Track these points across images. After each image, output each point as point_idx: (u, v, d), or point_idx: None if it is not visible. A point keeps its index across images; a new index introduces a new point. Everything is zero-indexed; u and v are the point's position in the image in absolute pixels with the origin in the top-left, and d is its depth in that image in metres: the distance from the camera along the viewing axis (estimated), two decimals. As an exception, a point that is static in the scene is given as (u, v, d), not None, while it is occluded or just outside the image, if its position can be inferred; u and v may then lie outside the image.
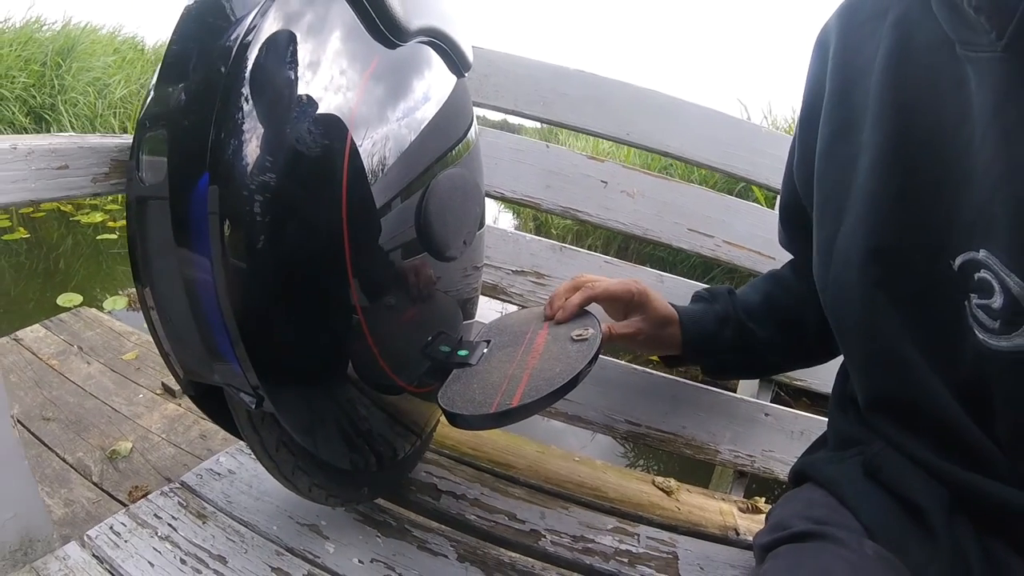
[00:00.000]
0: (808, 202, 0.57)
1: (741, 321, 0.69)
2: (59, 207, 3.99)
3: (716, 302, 0.71)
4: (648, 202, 0.93)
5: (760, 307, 0.70)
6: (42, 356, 1.69)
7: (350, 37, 0.48)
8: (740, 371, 0.82)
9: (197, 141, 0.40)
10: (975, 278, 0.40)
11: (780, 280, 0.72)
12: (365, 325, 0.51)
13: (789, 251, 0.72)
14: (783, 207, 0.67)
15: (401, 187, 0.53)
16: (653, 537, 0.78)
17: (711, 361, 0.72)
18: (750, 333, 0.69)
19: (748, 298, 0.71)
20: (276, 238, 0.42)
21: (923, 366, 0.45)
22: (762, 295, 0.71)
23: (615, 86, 0.93)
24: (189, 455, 1.34)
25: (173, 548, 0.61)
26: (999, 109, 0.38)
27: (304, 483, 0.59)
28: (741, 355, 0.70)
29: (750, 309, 0.70)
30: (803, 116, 0.58)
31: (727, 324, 0.69)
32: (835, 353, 0.70)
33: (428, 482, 0.81)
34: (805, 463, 0.58)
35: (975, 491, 0.42)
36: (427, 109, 0.57)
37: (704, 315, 0.70)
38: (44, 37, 5.38)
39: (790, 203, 0.64)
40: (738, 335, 0.69)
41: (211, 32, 0.44)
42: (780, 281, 0.72)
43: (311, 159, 0.44)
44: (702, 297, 0.74)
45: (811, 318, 0.63)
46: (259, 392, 0.45)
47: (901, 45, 0.46)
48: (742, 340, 0.69)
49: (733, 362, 0.72)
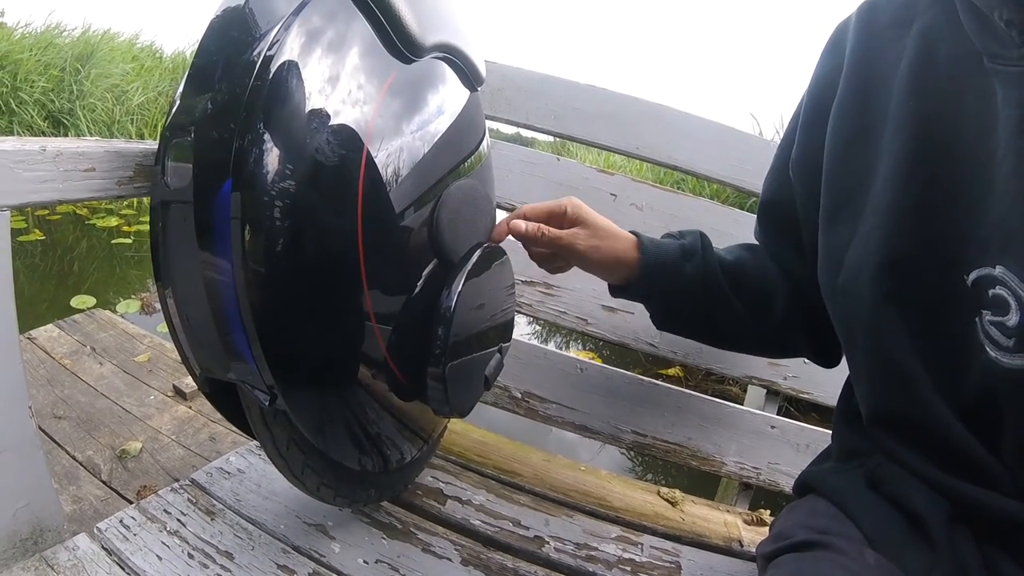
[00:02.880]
0: (804, 200, 0.56)
1: (708, 263, 0.64)
2: (75, 210, 4.05)
3: (684, 238, 0.66)
4: (656, 215, 0.94)
5: (730, 264, 0.65)
6: (55, 355, 1.71)
7: (368, 53, 0.50)
8: (689, 324, 0.70)
9: (222, 149, 0.42)
10: (989, 294, 0.39)
11: (755, 251, 0.68)
12: (377, 329, 0.52)
13: (765, 246, 0.68)
14: (766, 204, 0.65)
15: (414, 197, 0.54)
16: (657, 547, 0.79)
17: (665, 298, 0.66)
18: (713, 279, 0.63)
19: (720, 253, 0.66)
20: (294, 243, 0.44)
21: (927, 381, 0.44)
22: (734, 256, 0.66)
23: (626, 101, 0.94)
24: (198, 457, 1.36)
25: (181, 543, 0.63)
26: (1023, 123, 0.38)
27: (313, 482, 0.60)
28: (698, 300, 0.64)
29: (720, 260, 0.65)
30: (808, 112, 0.57)
31: (691, 259, 0.64)
32: (799, 354, 0.69)
33: (434, 487, 0.82)
34: (809, 474, 0.59)
35: (976, 503, 0.42)
36: (441, 122, 0.59)
37: (668, 244, 0.65)
38: (64, 43, 5.47)
39: (775, 201, 0.62)
40: (700, 275, 0.63)
41: (236, 45, 0.45)
42: (755, 252, 0.68)
43: (329, 169, 0.45)
44: (670, 234, 0.69)
45: (778, 300, 0.62)
46: (273, 390, 0.46)
47: (926, 55, 0.46)
48: (703, 283, 0.63)
49: (687, 307, 0.65)
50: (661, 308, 0.68)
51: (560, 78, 0.96)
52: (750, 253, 0.67)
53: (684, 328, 0.71)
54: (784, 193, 0.60)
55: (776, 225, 0.64)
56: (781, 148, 0.62)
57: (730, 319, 0.65)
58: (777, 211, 0.62)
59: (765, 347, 0.73)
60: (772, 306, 0.63)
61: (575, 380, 0.96)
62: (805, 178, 0.56)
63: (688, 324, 0.70)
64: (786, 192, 0.59)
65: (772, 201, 0.63)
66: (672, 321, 0.69)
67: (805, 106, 0.57)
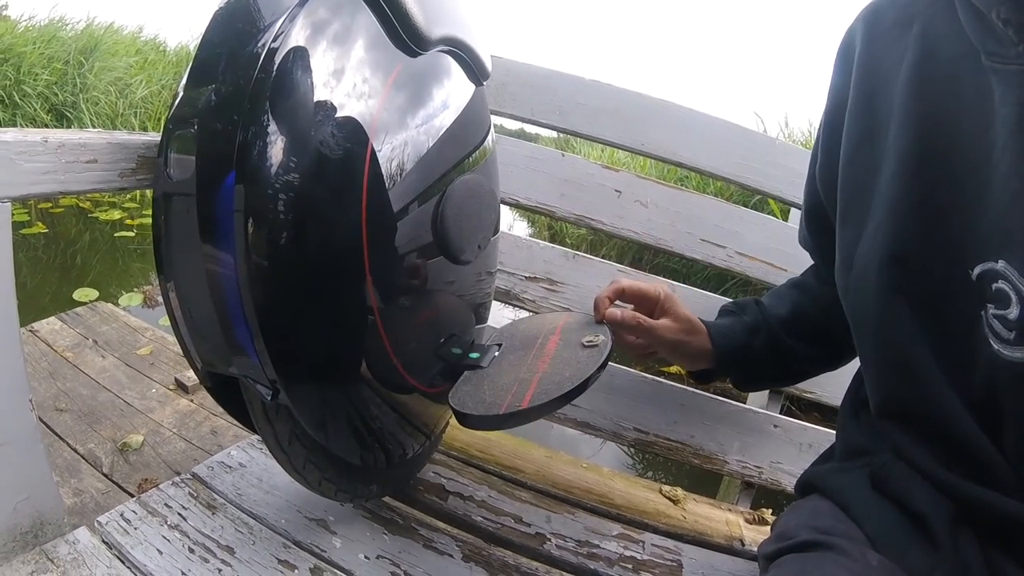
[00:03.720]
0: (831, 208, 0.57)
1: (772, 330, 0.69)
2: (78, 204, 4.06)
3: (745, 313, 0.71)
4: (661, 212, 0.94)
5: (789, 318, 0.70)
6: (57, 348, 1.72)
7: (374, 46, 0.50)
8: (771, 381, 0.82)
9: (225, 141, 0.41)
10: (992, 288, 0.40)
11: (805, 289, 0.72)
12: (380, 324, 0.52)
13: (812, 254, 0.71)
14: (807, 212, 0.66)
15: (419, 191, 0.54)
16: (658, 545, 0.78)
17: (743, 373, 0.73)
18: (780, 341, 0.69)
19: (776, 309, 0.71)
20: (298, 237, 0.44)
21: (936, 374, 0.45)
22: (790, 306, 0.71)
23: (630, 97, 0.94)
24: (200, 450, 1.36)
25: (182, 537, 0.63)
26: (1021, 121, 0.38)
27: (314, 477, 0.60)
28: (773, 365, 0.70)
29: (780, 319, 0.70)
30: (826, 121, 0.58)
31: (757, 334, 0.69)
32: None
33: (436, 482, 0.82)
34: (811, 474, 0.59)
35: (980, 503, 0.42)
36: (446, 116, 0.58)
37: (733, 326, 0.70)
38: (67, 36, 5.48)
39: (814, 208, 0.63)
40: (769, 345, 0.69)
41: (240, 37, 0.45)
42: (805, 290, 0.72)
43: (333, 162, 0.45)
44: (730, 311, 0.74)
45: (838, 324, 0.62)
46: (275, 385, 0.46)
47: (926, 54, 0.46)
48: (774, 350, 0.69)
49: (765, 372, 0.72)
50: (741, 380, 0.74)
51: (565, 73, 0.95)
52: (800, 292, 0.72)
53: (766, 384, 0.85)
54: (818, 201, 0.61)
55: (819, 232, 0.65)
56: (812, 158, 0.63)
57: (802, 361, 0.71)
58: (816, 218, 0.64)
59: (839, 364, 0.75)
60: (832, 331, 0.65)
61: (578, 377, 0.96)
62: (828, 186, 0.57)
63: (770, 381, 0.83)
64: (819, 201, 0.61)
65: (811, 209, 0.65)
66: (754, 384, 0.78)
67: (824, 115, 0.58)
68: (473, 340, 0.72)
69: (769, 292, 0.76)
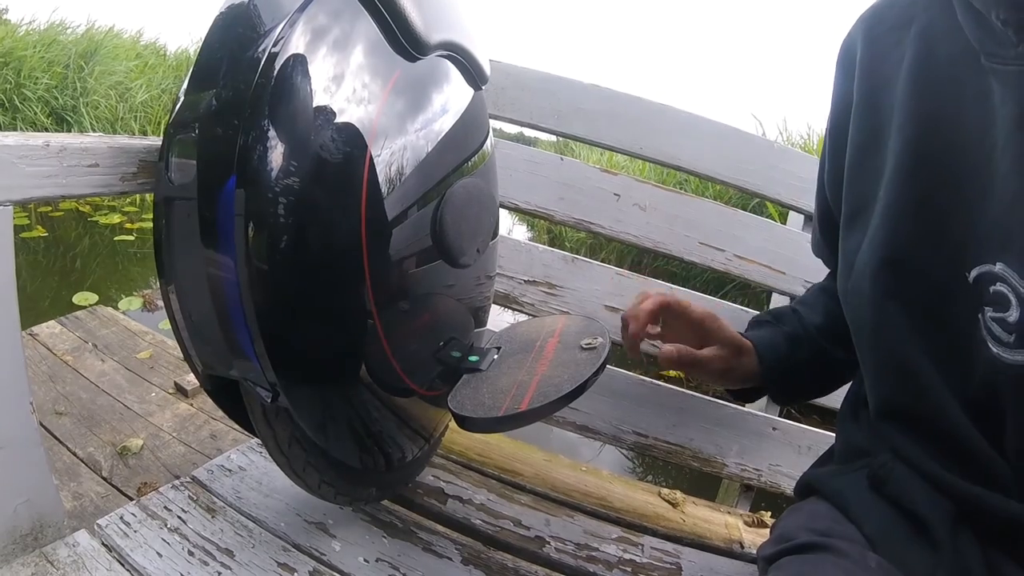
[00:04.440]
0: (839, 214, 0.56)
1: (812, 338, 0.66)
2: (77, 207, 4.06)
3: (784, 324, 0.69)
4: (660, 215, 0.94)
5: (825, 324, 0.66)
6: (57, 352, 1.71)
7: (373, 51, 0.50)
8: (812, 392, 0.76)
9: (226, 145, 0.42)
10: (990, 291, 0.40)
11: (832, 294, 0.67)
12: (380, 327, 0.52)
13: (827, 263, 0.69)
14: (819, 219, 0.65)
15: (418, 195, 0.54)
16: (657, 548, 0.78)
17: (787, 385, 0.69)
18: (821, 349, 0.65)
19: (811, 317, 0.68)
20: (298, 240, 0.44)
21: (933, 377, 0.45)
22: (823, 312, 0.67)
23: (629, 101, 0.94)
24: (199, 454, 1.36)
25: (182, 540, 0.63)
26: (1021, 121, 0.38)
27: (314, 480, 0.60)
28: (816, 374, 0.68)
29: (817, 327, 0.67)
30: (831, 128, 0.57)
31: (800, 344, 0.66)
32: None
33: (435, 486, 0.82)
34: (811, 476, 0.58)
35: (980, 504, 0.42)
36: (445, 121, 0.59)
37: (774, 338, 0.67)
38: (67, 40, 5.49)
39: (825, 215, 0.62)
40: (813, 354, 0.66)
41: (240, 42, 0.45)
42: (832, 295, 0.67)
43: (333, 166, 0.45)
44: (766, 321, 0.71)
45: None
46: (275, 388, 0.46)
47: (925, 55, 0.46)
48: (817, 359, 0.66)
49: (808, 383, 0.69)
50: (783, 393, 0.72)
51: (564, 77, 0.96)
52: (829, 297, 0.68)
53: (806, 396, 0.77)
54: (828, 208, 0.60)
55: (833, 238, 0.62)
56: (820, 165, 0.62)
57: (841, 368, 0.66)
58: (828, 225, 0.62)
59: None
60: None
61: (577, 380, 0.96)
62: (835, 192, 0.57)
63: (809, 392, 0.75)
64: (829, 207, 0.60)
65: (822, 216, 0.64)
66: (795, 396, 0.74)
67: (829, 122, 0.58)
68: (472, 343, 0.72)
69: (796, 300, 0.74)
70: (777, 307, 0.73)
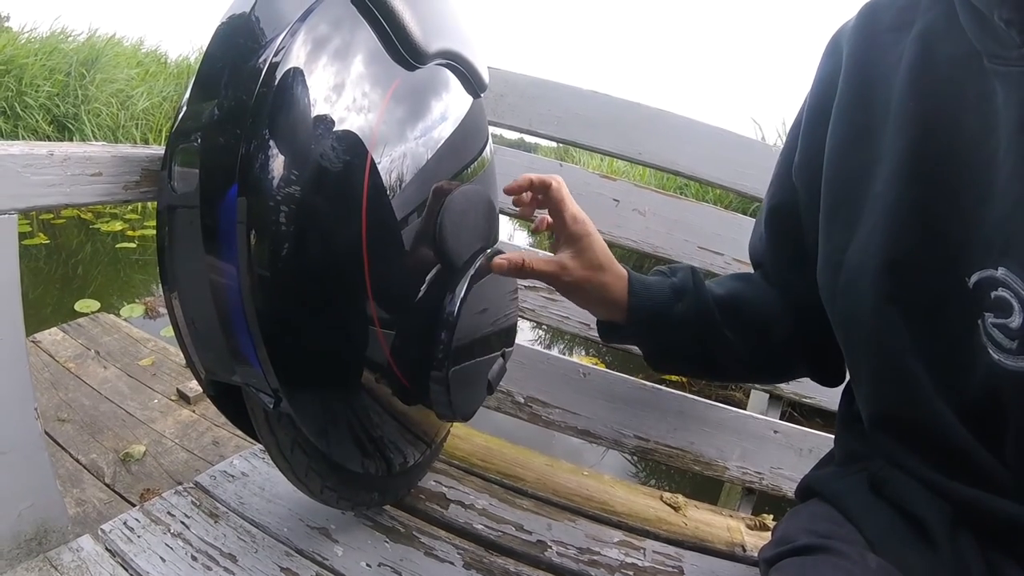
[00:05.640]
0: (810, 204, 0.55)
1: (701, 300, 0.60)
2: (79, 215, 4.07)
3: (675, 275, 0.62)
4: (659, 220, 0.95)
5: (723, 299, 0.62)
6: (59, 359, 1.72)
7: (372, 60, 0.50)
8: (687, 362, 0.66)
9: (228, 154, 0.42)
10: (992, 296, 0.39)
11: (749, 280, 0.65)
12: (381, 334, 0.52)
13: (764, 259, 0.65)
14: (770, 211, 0.62)
15: (418, 203, 0.54)
16: (659, 552, 0.79)
17: (655, 340, 0.63)
18: (707, 316, 0.60)
19: (712, 287, 0.63)
20: (299, 248, 0.44)
21: (929, 383, 0.44)
22: (727, 289, 0.63)
23: (628, 106, 0.95)
24: (201, 460, 1.36)
25: (185, 545, 0.63)
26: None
27: (316, 485, 0.60)
28: (692, 340, 0.61)
29: (714, 296, 0.62)
30: (809, 115, 0.56)
31: (683, 298, 0.60)
32: (799, 375, 0.66)
33: (437, 491, 0.82)
34: (811, 478, 0.58)
35: (979, 506, 0.42)
36: (444, 128, 0.59)
37: (658, 283, 0.61)
38: (69, 47, 5.51)
39: (781, 207, 0.60)
40: (692, 314, 0.60)
41: (242, 52, 0.46)
42: (749, 281, 0.65)
43: (334, 174, 0.46)
44: (660, 271, 0.65)
45: (778, 328, 0.60)
46: (278, 393, 0.46)
47: (926, 56, 0.45)
48: (697, 321, 0.60)
49: (681, 347, 0.62)
50: (654, 350, 0.65)
51: (563, 84, 0.96)
52: (744, 283, 0.65)
53: (680, 367, 0.69)
54: (788, 199, 0.59)
55: (780, 233, 0.62)
56: (784, 154, 0.61)
57: (726, 354, 0.62)
58: (781, 218, 0.61)
59: (764, 375, 0.73)
60: (771, 335, 0.61)
61: (578, 385, 0.97)
62: (808, 182, 0.55)
63: (683, 363, 0.67)
64: (790, 198, 0.59)
65: (776, 207, 0.61)
66: (666, 362, 0.66)
67: (807, 110, 0.57)
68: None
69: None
70: (678, 264, 0.66)
